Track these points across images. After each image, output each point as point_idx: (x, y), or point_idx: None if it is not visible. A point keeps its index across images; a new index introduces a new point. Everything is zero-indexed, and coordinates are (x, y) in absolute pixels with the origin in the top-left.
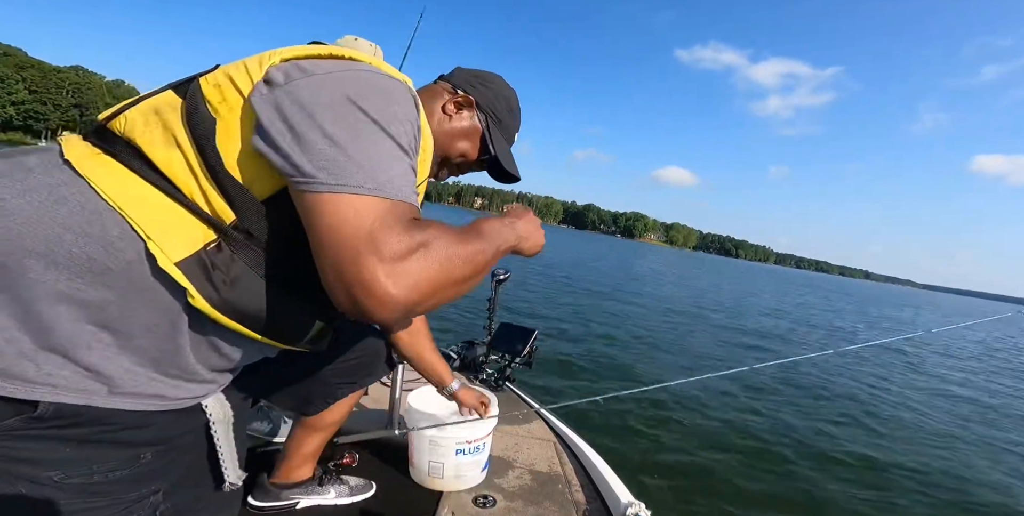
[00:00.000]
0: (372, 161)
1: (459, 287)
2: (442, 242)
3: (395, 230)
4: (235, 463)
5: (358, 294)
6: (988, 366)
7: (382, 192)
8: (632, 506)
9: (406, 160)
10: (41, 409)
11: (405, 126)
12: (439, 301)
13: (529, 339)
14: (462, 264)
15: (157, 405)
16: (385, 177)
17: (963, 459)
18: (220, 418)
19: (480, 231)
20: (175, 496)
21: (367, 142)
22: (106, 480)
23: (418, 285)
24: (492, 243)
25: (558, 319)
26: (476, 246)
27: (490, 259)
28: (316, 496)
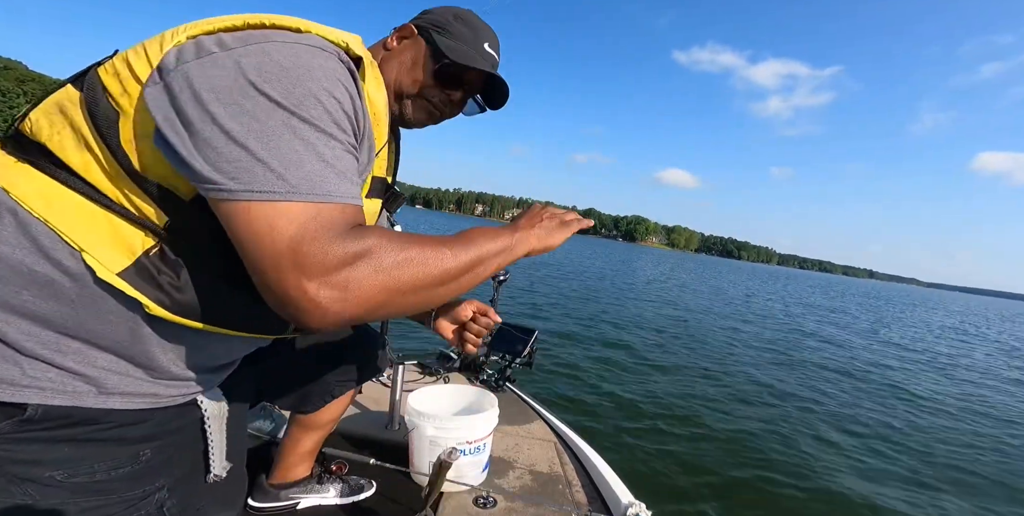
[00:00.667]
0: (282, 158)
1: (426, 293)
2: (387, 248)
3: (320, 241)
4: (223, 456)
5: (290, 310)
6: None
7: (299, 195)
8: (633, 506)
9: (331, 145)
10: (30, 411)
11: (326, 102)
12: (404, 307)
13: (529, 340)
14: (421, 270)
15: (150, 403)
16: (300, 176)
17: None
18: (215, 413)
19: (463, 236)
20: (179, 491)
21: (273, 135)
22: (109, 478)
23: (359, 298)
24: (474, 248)
25: (559, 319)
26: (444, 251)
27: (470, 264)
28: (316, 495)
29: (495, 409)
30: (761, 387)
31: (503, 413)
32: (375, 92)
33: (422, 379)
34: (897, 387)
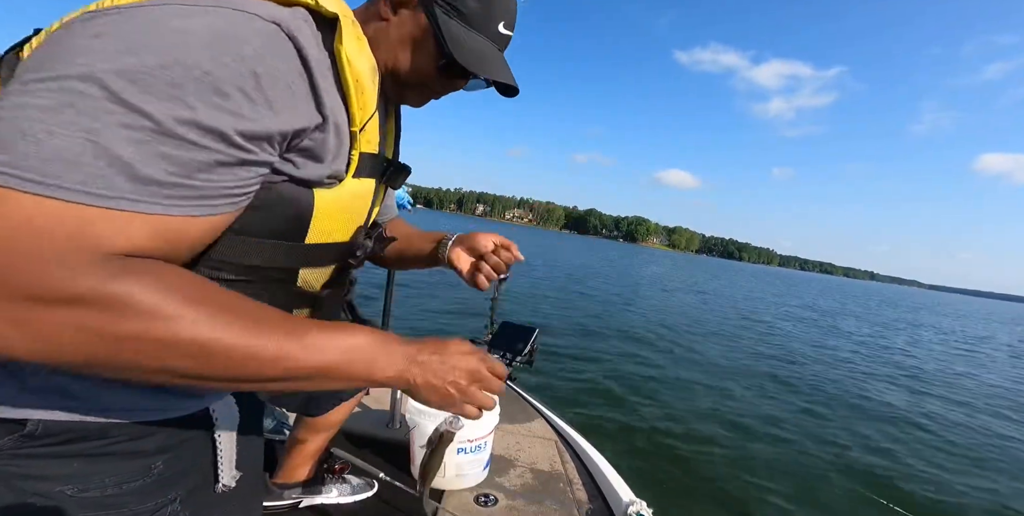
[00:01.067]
0: (52, 132)
1: (188, 380)
2: (165, 314)
3: (42, 259)
4: (232, 465)
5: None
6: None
7: (8, 176)
8: (633, 504)
9: (138, 123)
10: (30, 427)
11: (175, 72)
12: (125, 378)
13: (530, 338)
14: (199, 358)
15: (159, 415)
16: (24, 151)
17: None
18: (225, 421)
19: (299, 336)
20: (192, 503)
21: (30, 101)
22: (120, 492)
23: (55, 351)
24: (314, 356)
25: (560, 319)
26: (252, 347)
27: (296, 373)
28: (318, 495)
29: (496, 408)
30: (764, 388)
31: (504, 412)
32: (355, 54)
33: None
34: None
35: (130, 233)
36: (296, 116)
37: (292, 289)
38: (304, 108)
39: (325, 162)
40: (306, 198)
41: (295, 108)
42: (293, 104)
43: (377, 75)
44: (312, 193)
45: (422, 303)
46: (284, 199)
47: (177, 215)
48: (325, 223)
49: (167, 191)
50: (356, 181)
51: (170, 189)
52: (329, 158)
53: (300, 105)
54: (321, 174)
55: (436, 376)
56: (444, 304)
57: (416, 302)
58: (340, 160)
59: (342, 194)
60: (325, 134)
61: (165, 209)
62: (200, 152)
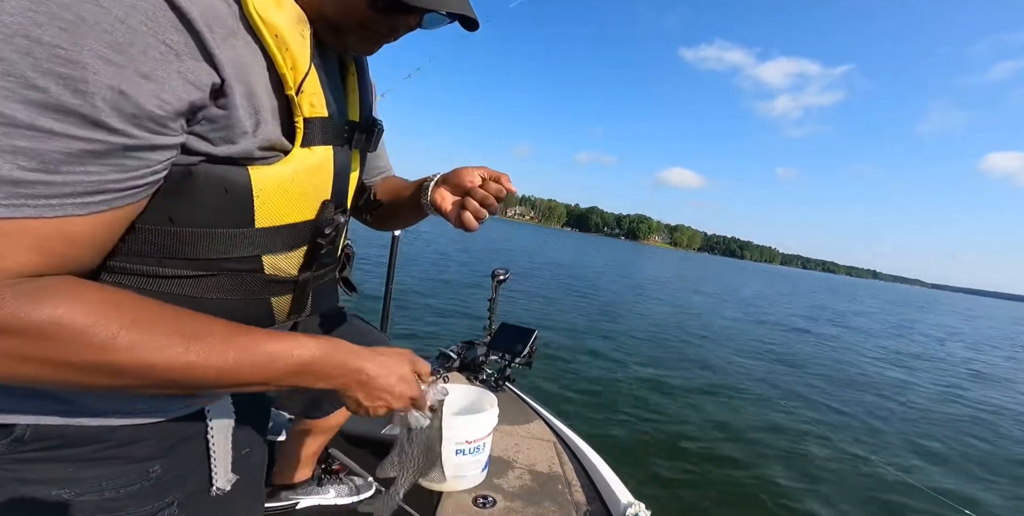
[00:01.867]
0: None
1: (133, 391)
2: (83, 340)
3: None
4: (227, 468)
5: None
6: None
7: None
8: (632, 506)
9: (8, 119)
10: (18, 432)
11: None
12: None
13: (529, 339)
14: (105, 373)
15: (152, 417)
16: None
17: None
18: (220, 424)
19: (245, 349)
20: (190, 506)
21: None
22: (118, 496)
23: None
24: (245, 364)
25: (559, 319)
26: (174, 358)
27: (239, 382)
28: (316, 496)
29: (495, 409)
30: (766, 389)
31: (503, 413)
32: (267, 9)
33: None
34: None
35: (15, 244)
36: (188, 84)
37: (263, 277)
38: (195, 73)
39: (246, 132)
40: (238, 178)
41: (187, 75)
42: (181, 70)
43: (307, 26)
44: (246, 171)
45: (422, 303)
46: (210, 182)
47: (51, 217)
48: (274, 202)
49: (27, 190)
50: (307, 151)
51: (31, 188)
52: (249, 126)
53: (191, 71)
54: (248, 147)
55: (369, 397)
56: (443, 304)
57: (416, 302)
58: (268, 128)
59: (287, 168)
60: (229, 99)
61: (36, 211)
62: (60, 141)
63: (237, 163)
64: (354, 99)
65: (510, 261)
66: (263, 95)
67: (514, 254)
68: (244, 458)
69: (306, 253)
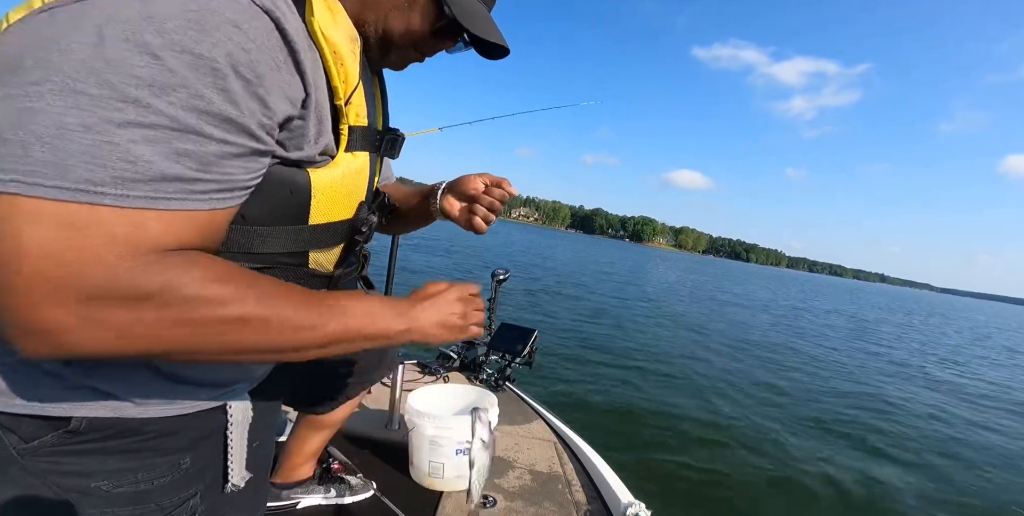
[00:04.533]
0: (31, 134)
1: (242, 356)
2: (209, 297)
3: (100, 264)
4: (242, 465)
5: (8, 330)
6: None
7: (38, 187)
8: (632, 506)
9: (150, 120)
10: (74, 423)
11: (171, 59)
12: (192, 360)
13: (529, 339)
14: (248, 333)
15: (185, 409)
16: (49, 158)
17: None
18: (239, 419)
19: (328, 305)
20: (209, 497)
21: (35, 106)
22: (152, 487)
23: (122, 341)
24: (342, 321)
25: (559, 319)
26: (295, 318)
27: (331, 338)
28: (316, 495)
29: (495, 409)
30: (766, 389)
31: (503, 413)
32: (330, 27)
33: (422, 379)
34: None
35: (175, 230)
36: (287, 97)
37: (305, 271)
38: (292, 87)
39: (311, 139)
40: (302, 179)
41: (286, 88)
42: (283, 84)
43: (358, 44)
44: (307, 173)
45: None
46: (281, 182)
47: (206, 210)
48: (325, 202)
49: (192, 187)
50: (350, 156)
51: (193, 185)
52: (314, 134)
53: (289, 85)
54: (312, 152)
55: (439, 318)
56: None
57: None
58: (327, 135)
59: (337, 171)
60: (307, 111)
61: (196, 204)
62: (215, 145)
63: (299, 165)
64: (378, 109)
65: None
66: (325, 106)
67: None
68: (254, 451)
69: (343, 250)
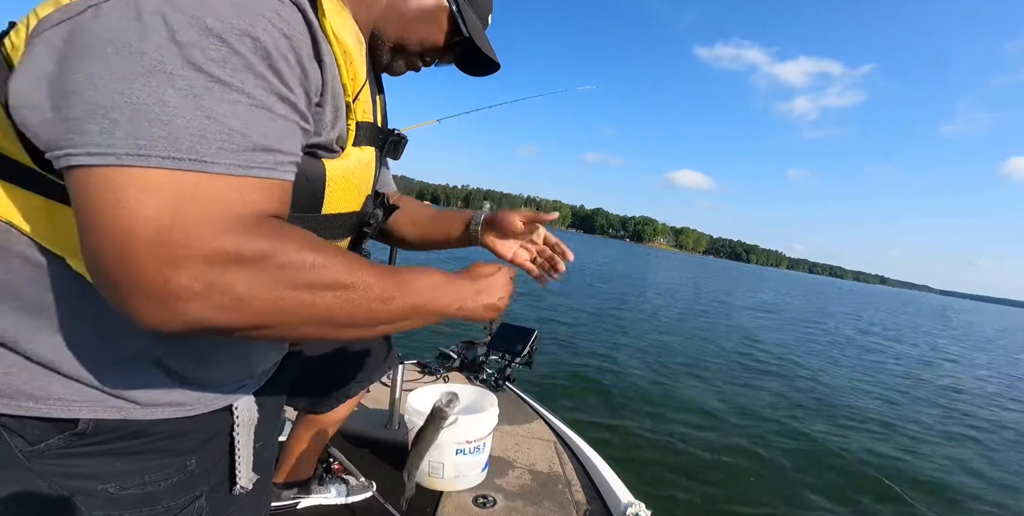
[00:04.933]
0: (136, 111)
1: (332, 330)
2: (310, 261)
3: (198, 229)
4: (249, 466)
5: (134, 299)
6: None
7: (154, 158)
8: (632, 506)
9: (233, 98)
10: (81, 426)
11: (237, 43)
12: (282, 334)
13: (529, 339)
14: (340, 301)
15: (193, 410)
16: (161, 133)
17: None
18: (245, 420)
19: (400, 278)
20: (214, 499)
21: (135, 84)
22: (159, 489)
23: (234, 307)
24: (411, 296)
25: (559, 319)
26: (377, 288)
27: (402, 313)
28: (317, 495)
29: (495, 409)
30: (766, 387)
31: (503, 413)
32: (341, 28)
33: (422, 378)
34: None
35: (269, 198)
36: (314, 83)
37: None
38: (316, 76)
39: (328, 125)
40: (317, 168)
41: (315, 76)
42: (313, 72)
43: (363, 46)
44: (321, 163)
45: None
46: (301, 172)
47: (287, 180)
48: (338, 192)
49: (276, 158)
50: (358, 149)
51: (276, 156)
52: (329, 124)
53: (316, 72)
54: (328, 138)
55: (489, 301)
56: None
57: None
58: (341, 122)
59: (348, 162)
60: (325, 101)
61: (281, 174)
62: (282, 121)
63: (315, 154)
64: (380, 110)
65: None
66: (340, 97)
67: None
68: (258, 452)
69: (350, 242)
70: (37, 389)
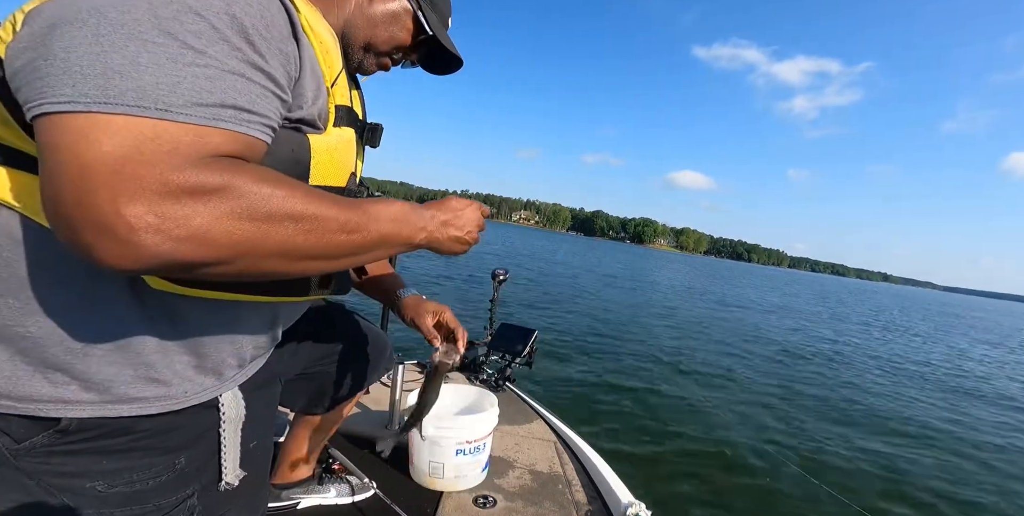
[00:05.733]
0: (110, 66)
1: (297, 263)
2: (262, 193)
3: (157, 166)
4: (235, 462)
5: (89, 235)
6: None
7: (123, 106)
8: (632, 506)
9: (205, 61)
10: (64, 423)
11: (214, 18)
12: (250, 270)
13: (529, 339)
14: (302, 232)
15: (175, 404)
16: (130, 86)
17: None
18: (232, 416)
19: (364, 209)
20: (206, 497)
21: (111, 46)
22: (147, 487)
23: (194, 239)
24: (376, 225)
25: (559, 320)
26: (340, 218)
27: (368, 243)
28: (316, 495)
29: (495, 409)
30: (765, 387)
31: (503, 413)
32: (315, 22)
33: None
34: None
35: (232, 148)
36: (294, 58)
37: None
38: (294, 53)
39: (310, 100)
40: (302, 141)
41: (293, 52)
42: (291, 49)
43: (336, 40)
44: (306, 137)
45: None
46: (287, 140)
47: (254, 137)
48: (323, 164)
49: (245, 117)
50: (339, 129)
51: (245, 115)
52: (309, 101)
53: (294, 49)
54: (311, 112)
55: (459, 231)
56: (444, 303)
57: None
58: (320, 103)
59: (331, 138)
60: (303, 77)
61: (249, 130)
62: (256, 86)
63: (299, 129)
64: (356, 100)
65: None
66: (319, 75)
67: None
68: (251, 451)
69: None
70: (18, 386)
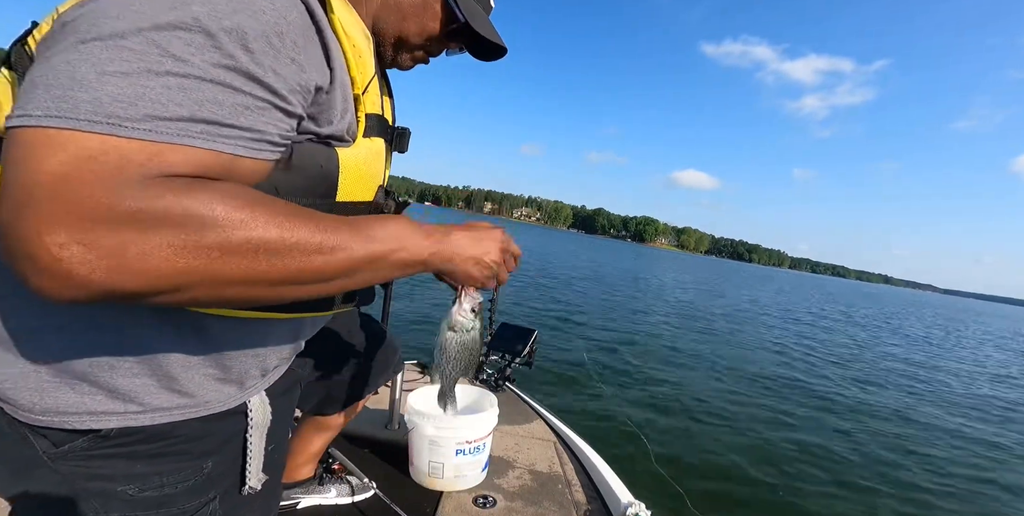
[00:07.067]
0: (68, 80)
1: (269, 290)
2: (222, 217)
3: (96, 186)
4: (259, 467)
5: (21, 264)
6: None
7: (69, 120)
8: (632, 506)
9: (181, 70)
10: (105, 429)
11: (230, 35)
12: (219, 298)
13: (529, 339)
14: (264, 257)
15: (205, 411)
16: (84, 98)
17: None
18: (259, 422)
19: (353, 228)
20: (227, 500)
21: (79, 59)
22: (175, 491)
23: (133, 268)
24: (363, 245)
25: (559, 320)
26: (313, 240)
27: (355, 264)
28: (317, 495)
29: (495, 409)
30: (766, 385)
31: (503, 413)
32: (349, 24)
33: (422, 379)
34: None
35: (196, 166)
36: (315, 72)
37: None
38: (319, 65)
39: (339, 114)
40: (331, 156)
41: (314, 64)
42: (312, 60)
43: (371, 42)
44: (335, 151)
45: (420, 302)
46: (313, 156)
47: (229, 153)
48: (350, 181)
49: (219, 131)
50: (368, 140)
51: (221, 129)
52: (339, 115)
53: (317, 62)
54: (339, 128)
55: (477, 252)
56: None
57: (414, 301)
58: (351, 113)
59: (359, 152)
60: (333, 90)
61: (220, 146)
62: (243, 97)
63: (328, 143)
64: (387, 105)
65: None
66: (348, 85)
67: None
68: (270, 454)
69: None
70: (43, 399)
